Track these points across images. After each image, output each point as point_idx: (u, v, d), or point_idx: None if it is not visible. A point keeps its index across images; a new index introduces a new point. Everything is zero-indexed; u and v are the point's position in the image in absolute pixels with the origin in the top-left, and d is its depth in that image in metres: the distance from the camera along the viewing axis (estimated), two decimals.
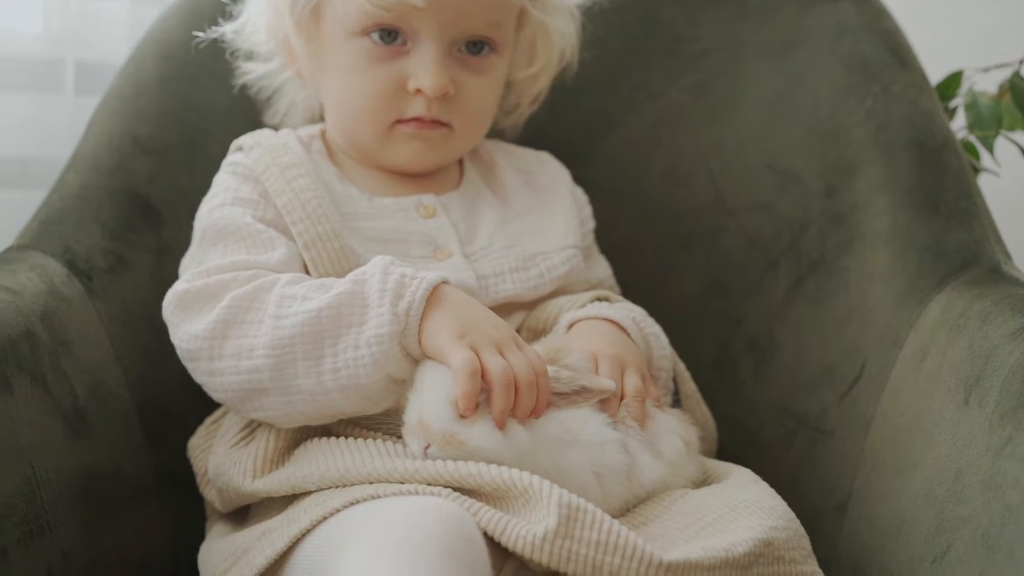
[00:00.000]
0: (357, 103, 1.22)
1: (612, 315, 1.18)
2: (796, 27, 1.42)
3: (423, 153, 1.22)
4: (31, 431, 1.05)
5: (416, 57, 1.18)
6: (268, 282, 1.08)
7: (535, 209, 1.29)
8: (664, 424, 1.10)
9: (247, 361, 1.06)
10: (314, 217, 1.16)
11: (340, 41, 1.21)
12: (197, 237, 1.19)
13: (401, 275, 1.04)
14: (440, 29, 1.17)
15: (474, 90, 1.21)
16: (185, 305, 1.10)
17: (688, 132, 1.45)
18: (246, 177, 1.20)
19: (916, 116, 1.33)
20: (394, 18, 1.17)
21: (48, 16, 1.49)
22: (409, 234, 1.21)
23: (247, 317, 1.07)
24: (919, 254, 1.25)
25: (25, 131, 1.50)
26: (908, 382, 1.17)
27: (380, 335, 1.02)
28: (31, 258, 1.20)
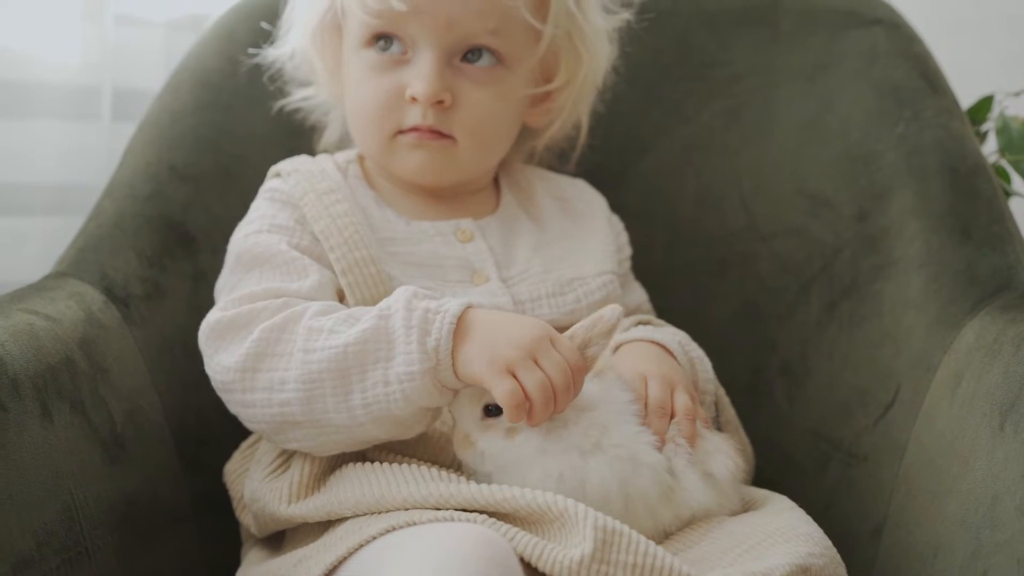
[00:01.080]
0: (362, 114, 1.23)
1: (658, 338, 1.19)
2: (827, 52, 1.42)
3: (426, 164, 1.22)
4: (70, 458, 1.06)
5: (414, 66, 1.19)
6: (297, 312, 1.08)
7: (572, 235, 1.29)
8: (714, 444, 1.11)
9: (279, 394, 1.06)
10: (351, 243, 1.16)
11: (351, 56, 1.23)
12: (231, 262, 1.19)
13: (425, 310, 1.03)
14: (434, 36, 1.18)
15: (476, 101, 1.20)
16: (217, 335, 1.11)
17: (720, 157, 1.45)
18: (284, 203, 1.21)
19: (948, 141, 1.33)
20: (387, 25, 1.19)
21: (86, 45, 1.50)
22: (446, 258, 1.21)
23: (277, 349, 1.07)
24: (952, 279, 1.24)
25: (63, 158, 1.51)
26: (942, 407, 1.17)
27: (411, 372, 1.02)
28: (69, 285, 1.21)
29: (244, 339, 1.08)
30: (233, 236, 1.21)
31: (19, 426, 1.00)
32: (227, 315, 1.11)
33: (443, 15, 1.17)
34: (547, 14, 1.21)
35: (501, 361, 1.01)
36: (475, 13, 1.18)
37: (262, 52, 1.33)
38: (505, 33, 1.20)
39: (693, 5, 1.49)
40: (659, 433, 1.07)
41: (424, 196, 1.26)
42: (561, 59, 1.26)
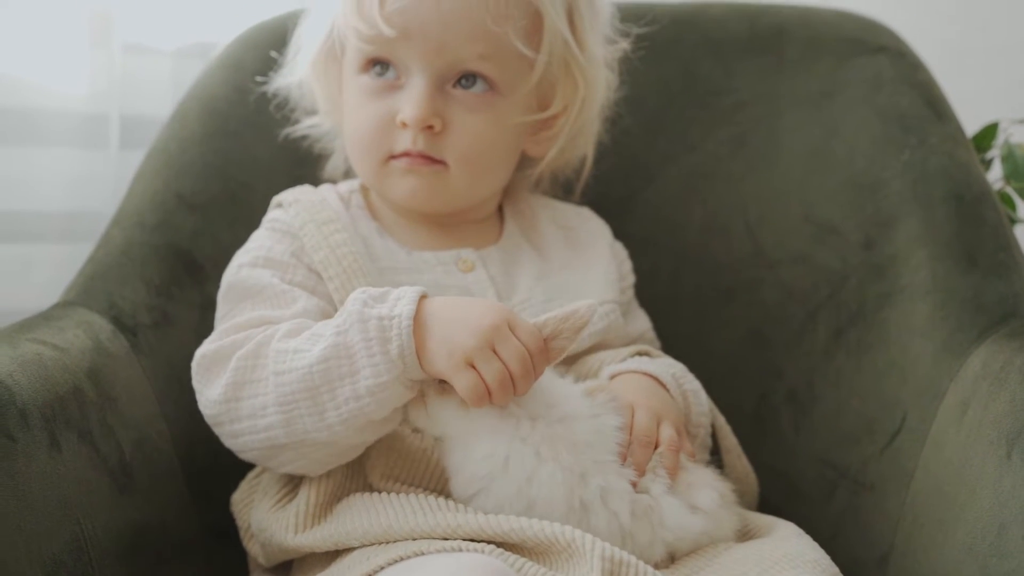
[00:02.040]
0: (357, 139, 1.24)
1: (652, 370, 1.19)
2: (832, 80, 1.43)
3: (417, 189, 1.22)
4: (78, 488, 1.06)
5: (406, 91, 1.19)
6: (268, 336, 1.09)
7: (574, 264, 1.29)
8: (699, 476, 1.11)
9: (262, 420, 1.07)
10: (350, 272, 1.17)
11: (348, 82, 1.24)
12: (223, 290, 1.20)
13: (379, 319, 1.03)
14: (425, 61, 1.18)
15: (467, 127, 1.20)
16: (204, 370, 1.12)
17: (726, 184, 1.45)
18: (284, 233, 1.21)
19: (953, 168, 1.33)
20: (380, 51, 1.20)
21: (94, 73, 1.51)
22: (448, 289, 1.21)
23: (254, 376, 1.08)
24: (959, 307, 1.25)
25: (71, 185, 1.52)
26: (949, 435, 1.17)
27: (381, 383, 1.03)
28: (77, 315, 1.21)
29: (224, 370, 1.10)
30: (230, 263, 1.22)
31: (28, 456, 1.00)
32: (212, 348, 1.12)
33: (433, 40, 1.17)
34: (540, 42, 1.21)
35: (459, 353, 1.02)
36: (465, 38, 1.18)
37: (269, 80, 1.34)
38: (497, 59, 1.20)
39: (698, 33, 1.49)
40: (640, 463, 1.07)
41: (427, 225, 1.27)
42: (557, 87, 1.26)
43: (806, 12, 1.49)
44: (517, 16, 1.19)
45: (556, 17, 1.21)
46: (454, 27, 1.17)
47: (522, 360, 1.02)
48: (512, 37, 1.18)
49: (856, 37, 1.44)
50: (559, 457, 1.03)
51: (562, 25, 1.22)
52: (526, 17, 1.20)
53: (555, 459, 1.03)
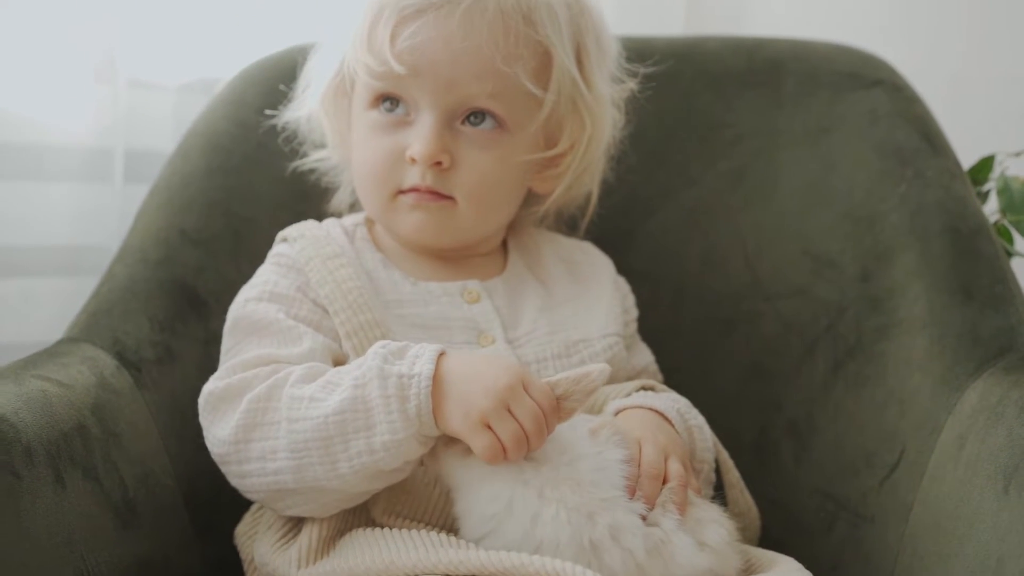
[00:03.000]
0: (365, 174, 1.25)
1: (657, 405, 1.19)
2: (830, 114, 1.44)
3: (425, 224, 1.23)
4: (83, 523, 1.07)
5: (415, 127, 1.20)
6: (280, 379, 1.10)
7: (578, 297, 1.30)
8: (707, 512, 1.11)
9: (271, 463, 1.08)
10: (356, 306, 1.18)
11: (358, 117, 1.25)
12: (229, 326, 1.21)
13: (399, 376, 1.04)
14: (434, 98, 1.19)
15: (476, 164, 1.21)
16: (211, 408, 1.13)
17: (725, 217, 1.46)
18: (289, 268, 1.22)
19: (949, 202, 1.34)
20: (390, 87, 1.21)
21: (98, 108, 1.52)
22: (453, 320, 1.22)
23: (265, 419, 1.08)
24: (956, 340, 1.25)
25: (75, 219, 1.53)
26: (947, 469, 1.18)
27: (397, 440, 1.04)
28: (82, 351, 1.22)
29: (235, 410, 1.10)
30: (236, 298, 1.22)
31: (32, 493, 1.01)
32: (220, 386, 1.13)
33: (443, 78, 1.18)
34: (548, 80, 1.22)
35: (475, 415, 1.03)
36: (474, 76, 1.19)
37: (276, 114, 1.35)
38: (505, 97, 1.21)
39: (697, 67, 1.50)
40: (650, 497, 1.07)
41: (431, 258, 1.28)
42: (565, 125, 1.26)
43: (803, 46, 1.50)
44: (527, 56, 1.20)
45: (565, 56, 1.22)
46: (464, 66, 1.18)
47: (536, 419, 1.03)
48: (521, 76, 1.19)
49: (852, 71, 1.45)
50: (563, 497, 1.03)
51: (570, 64, 1.23)
52: (535, 57, 1.21)
53: (559, 500, 1.03)
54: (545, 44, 1.21)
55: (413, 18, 1.18)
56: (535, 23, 1.20)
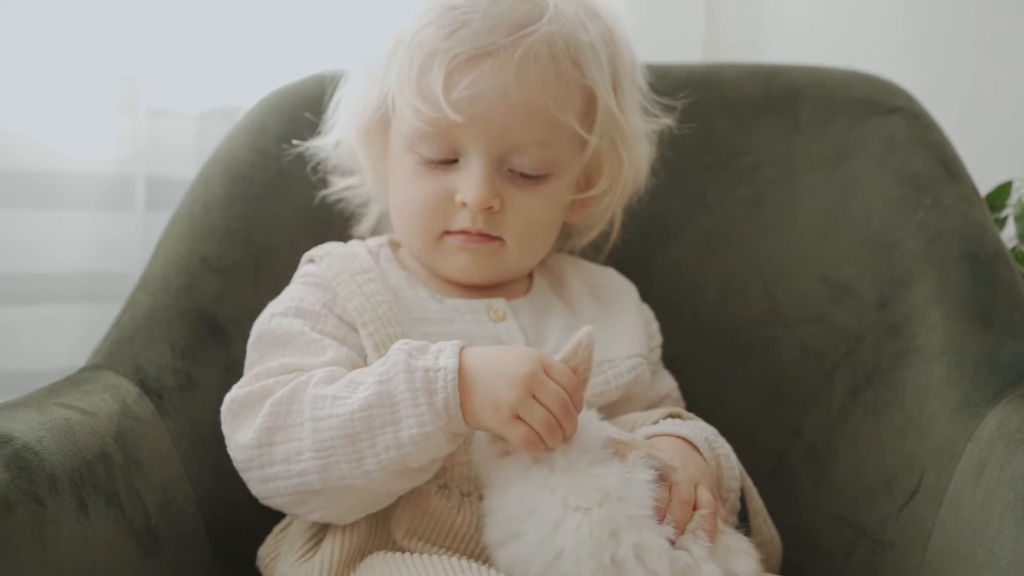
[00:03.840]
0: (410, 213, 1.25)
1: (686, 433, 1.19)
2: (847, 140, 1.44)
3: (471, 265, 1.24)
4: (105, 551, 1.07)
5: (464, 171, 1.21)
6: (302, 382, 1.10)
7: (602, 318, 1.30)
8: (735, 542, 1.10)
9: (296, 464, 1.08)
10: (384, 319, 1.18)
11: (400, 154, 1.25)
12: (253, 339, 1.21)
13: (425, 370, 1.05)
14: (485, 145, 1.19)
15: (524, 207, 1.22)
16: (233, 414, 1.13)
17: (743, 244, 1.47)
18: (316, 286, 1.23)
19: (967, 229, 1.34)
20: (439, 132, 1.20)
21: (120, 137, 1.53)
22: (478, 338, 1.22)
23: (288, 421, 1.09)
24: (974, 367, 1.25)
25: (97, 247, 1.54)
26: (967, 495, 1.17)
27: (425, 433, 1.04)
28: (104, 378, 1.23)
29: (256, 416, 1.11)
30: (261, 314, 1.23)
31: (56, 521, 1.01)
32: (242, 392, 1.14)
33: (496, 127, 1.19)
34: (593, 122, 1.24)
35: (505, 408, 1.04)
36: (528, 126, 1.19)
37: (298, 145, 1.36)
38: (554, 143, 1.22)
39: (715, 94, 1.51)
40: (680, 522, 1.06)
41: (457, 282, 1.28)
42: (604, 164, 1.28)
43: (820, 73, 1.51)
44: (576, 100, 1.22)
45: (608, 97, 1.23)
46: (519, 117, 1.19)
47: (561, 401, 1.04)
48: (572, 121, 1.21)
49: (870, 98, 1.46)
50: (589, 509, 1.03)
51: (612, 104, 1.24)
52: (583, 100, 1.23)
53: (584, 511, 1.03)
54: (591, 86, 1.22)
55: (468, 65, 1.18)
56: (582, 66, 1.21)
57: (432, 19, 1.19)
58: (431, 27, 1.19)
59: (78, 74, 1.49)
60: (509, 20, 1.18)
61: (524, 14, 1.19)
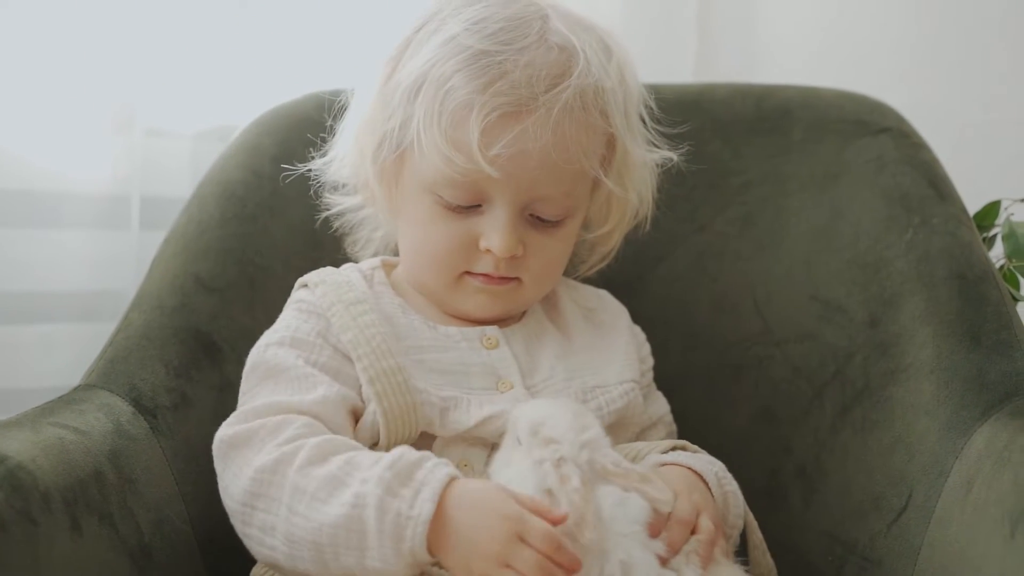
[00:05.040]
0: (428, 253, 1.24)
1: (696, 466, 1.19)
2: (837, 160, 1.45)
3: (489, 305, 1.24)
4: (99, 570, 1.08)
5: (488, 218, 1.20)
6: (287, 455, 1.08)
7: (596, 344, 1.30)
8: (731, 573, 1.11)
9: (269, 539, 1.09)
10: (379, 352, 1.18)
11: (417, 192, 1.23)
12: (247, 370, 1.21)
13: (396, 514, 1.02)
14: (514, 196, 1.19)
15: (544, 250, 1.23)
16: (222, 455, 1.14)
17: (734, 263, 1.48)
18: (310, 313, 1.22)
19: (956, 248, 1.35)
20: (469, 186, 1.18)
21: (116, 157, 1.54)
22: (472, 365, 1.22)
23: (270, 492, 1.08)
24: (962, 385, 1.26)
25: (93, 266, 1.55)
26: (955, 513, 1.18)
27: (388, 569, 1.03)
28: (98, 397, 1.23)
29: (242, 468, 1.10)
30: (257, 342, 1.23)
31: (49, 540, 1.02)
32: (228, 433, 1.13)
33: (527, 179, 1.18)
34: (611, 164, 1.25)
35: (479, 566, 1.02)
36: (557, 179, 1.19)
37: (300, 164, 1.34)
38: (576, 191, 1.23)
39: (706, 114, 1.52)
40: (675, 543, 1.07)
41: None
42: (613, 200, 1.29)
43: (810, 93, 1.52)
44: (600, 147, 1.23)
45: (627, 139, 1.24)
46: (551, 170, 1.18)
47: (541, 568, 1.00)
48: (595, 167, 1.22)
49: (860, 118, 1.47)
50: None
51: (628, 143, 1.25)
52: (605, 146, 1.24)
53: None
54: (614, 132, 1.23)
55: (507, 121, 1.16)
56: (608, 115, 1.22)
57: (462, 63, 1.17)
58: (463, 73, 1.16)
59: (75, 95, 1.50)
60: (545, 73, 1.16)
61: (558, 64, 1.18)
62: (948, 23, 1.99)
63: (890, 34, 2.02)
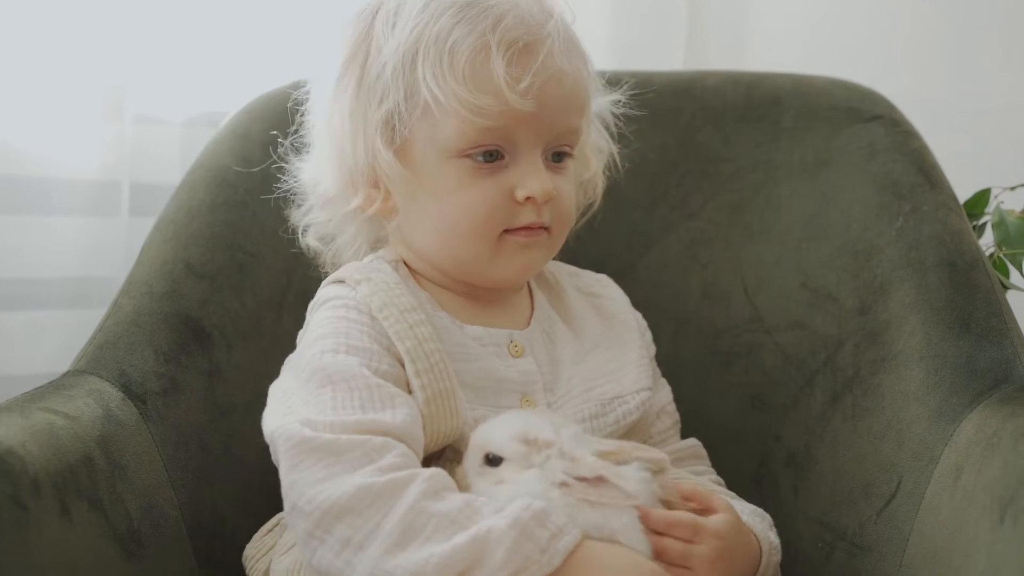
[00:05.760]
0: (464, 221, 1.19)
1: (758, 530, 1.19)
2: (827, 148, 1.46)
3: (532, 262, 1.22)
4: (88, 555, 1.08)
5: (519, 168, 1.17)
6: (398, 482, 1.03)
7: (608, 343, 1.29)
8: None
9: (347, 552, 1.01)
10: (436, 371, 1.14)
11: (437, 164, 1.18)
12: (305, 375, 1.13)
13: (526, 558, 0.99)
14: (539, 137, 1.17)
15: (565, 192, 1.21)
16: (304, 452, 1.05)
17: (724, 251, 1.48)
18: (355, 310, 1.17)
19: (946, 236, 1.35)
20: (495, 137, 1.16)
21: (105, 143, 1.54)
22: (500, 381, 1.19)
23: (368, 514, 1.01)
24: (952, 372, 1.26)
25: (82, 252, 1.55)
26: (944, 499, 1.19)
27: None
28: (88, 383, 1.23)
29: (338, 476, 1.03)
30: (305, 351, 1.16)
31: (39, 525, 1.02)
32: (320, 438, 1.05)
33: (551, 113, 1.17)
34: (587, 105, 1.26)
35: None
36: (575, 109, 1.20)
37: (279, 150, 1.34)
38: (583, 124, 1.24)
39: (697, 102, 1.52)
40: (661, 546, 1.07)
41: (471, 299, 1.25)
42: (588, 147, 1.31)
43: (801, 81, 1.52)
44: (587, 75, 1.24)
45: (593, 78, 1.26)
46: (572, 101, 1.19)
47: None
48: (590, 98, 1.24)
49: (850, 106, 1.47)
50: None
51: (592, 84, 1.27)
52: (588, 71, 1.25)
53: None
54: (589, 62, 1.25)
55: (526, 54, 1.15)
56: (582, 48, 1.24)
57: (456, 16, 1.16)
58: (462, 24, 1.15)
59: (65, 82, 1.50)
60: (536, 9, 1.18)
61: (538, 4, 1.19)
62: (938, 12, 1.99)
63: (880, 23, 2.02)
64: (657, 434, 1.31)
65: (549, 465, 1.06)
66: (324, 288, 1.23)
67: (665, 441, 1.31)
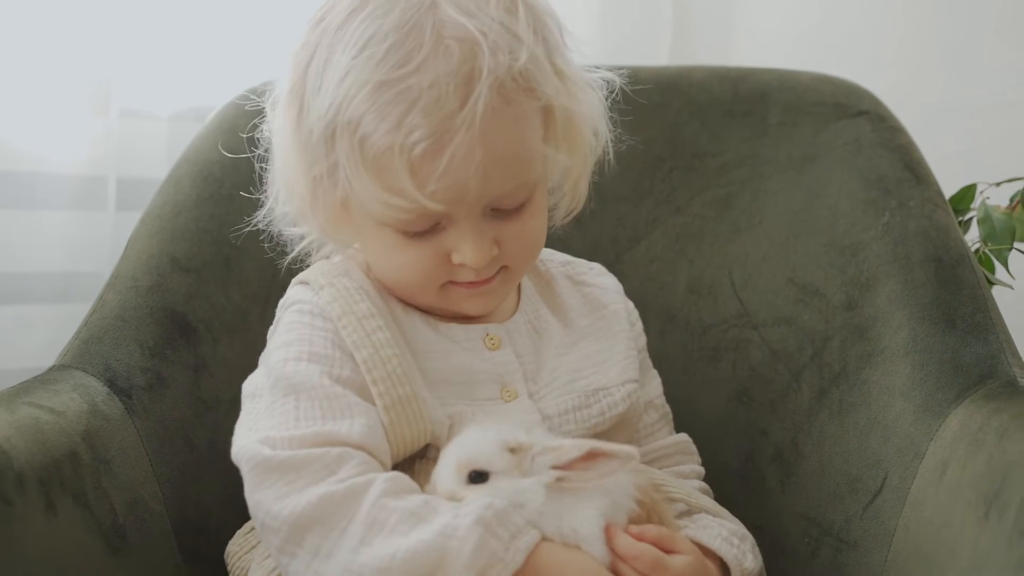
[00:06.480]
0: (404, 279, 1.16)
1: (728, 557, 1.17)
2: (814, 143, 1.46)
3: (486, 303, 1.19)
4: (73, 550, 1.07)
5: (454, 232, 1.11)
6: (359, 486, 1.03)
7: (596, 332, 1.27)
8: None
9: (318, 563, 1.02)
10: (395, 377, 1.12)
11: (372, 227, 1.14)
12: (270, 382, 1.12)
13: (492, 554, 0.99)
14: (469, 209, 1.09)
15: (519, 234, 1.14)
16: (264, 472, 1.05)
17: (711, 245, 1.48)
18: (318, 317, 1.15)
19: (932, 231, 1.36)
20: (419, 224, 1.10)
21: (92, 138, 1.54)
22: (476, 373, 1.18)
23: (333, 521, 1.01)
24: (938, 368, 1.27)
25: (68, 247, 1.54)
26: (929, 495, 1.19)
27: None
28: (73, 378, 1.23)
29: (301, 492, 1.03)
30: (269, 357, 1.16)
31: (24, 520, 1.02)
32: (278, 456, 1.05)
33: (474, 192, 1.08)
34: (554, 129, 1.13)
35: None
36: (504, 178, 1.09)
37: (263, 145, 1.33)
38: (529, 177, 1.12)
39: (684, 97, 1.52)
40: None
41: None
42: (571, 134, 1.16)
43: (787, 76, 1.52)
44: (538, 124, 1.11)
45: (558, 94, 1.11)
46: (494, 175, 1.07)
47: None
48: (538, 147, 1.11)
49: (837, 101, 1.47)
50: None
51: (563, 95, 1.12)
52: (542, 119, 1.12)
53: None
54: (545, 100, 1.10)
55: (433, 154, 1.04)
56: (534, 88, 1.09)
57: (365, 102, 1.06)
58: (370, 114, 1.06)
59: (51, 76, 1.50)
60: (454, 85, 1.04)
61: (463, 64, 1.05)
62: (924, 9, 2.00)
63: (867, 20, 2.02)
64: (644, 428, 1.30)
65: (539, 464, 1.06)
66: (292, 288, 1.21)
67: (652, 435, 1.30)
